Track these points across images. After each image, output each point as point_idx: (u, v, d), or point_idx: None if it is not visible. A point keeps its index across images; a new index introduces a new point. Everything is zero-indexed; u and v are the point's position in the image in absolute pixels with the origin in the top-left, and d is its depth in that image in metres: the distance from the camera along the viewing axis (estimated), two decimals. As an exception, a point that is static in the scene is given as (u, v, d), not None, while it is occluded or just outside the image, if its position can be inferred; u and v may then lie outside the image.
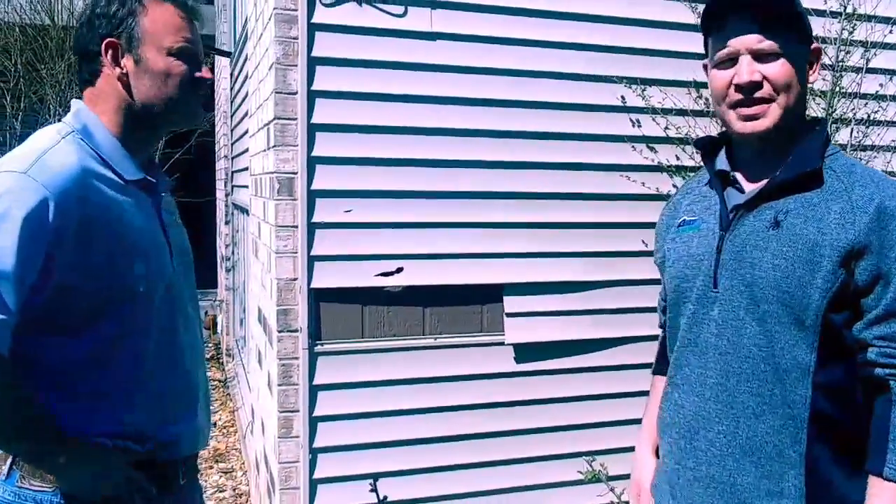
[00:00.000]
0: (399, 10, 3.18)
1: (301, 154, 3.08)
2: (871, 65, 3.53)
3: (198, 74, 1.57)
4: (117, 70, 1.51)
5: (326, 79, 3.11)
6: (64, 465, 1.41)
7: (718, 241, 1.52)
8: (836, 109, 3.42)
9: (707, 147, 1.65)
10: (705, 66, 1.60)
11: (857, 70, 3.49)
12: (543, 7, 3.35)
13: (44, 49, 5.91)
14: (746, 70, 1.45)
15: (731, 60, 1.48)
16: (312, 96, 3.09)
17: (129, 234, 1.49)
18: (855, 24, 3.38)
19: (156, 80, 1.52)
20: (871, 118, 3.56)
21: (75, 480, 1.43)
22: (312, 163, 3.11)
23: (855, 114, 3.50)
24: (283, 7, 3.03)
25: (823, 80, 3.43)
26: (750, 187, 1.53)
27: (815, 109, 3.45)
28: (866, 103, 3.54)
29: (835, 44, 3.40)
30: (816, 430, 1.41)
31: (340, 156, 3.14)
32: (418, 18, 3.20)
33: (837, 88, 3.39)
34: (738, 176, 1.56)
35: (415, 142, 3.23)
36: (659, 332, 1.85)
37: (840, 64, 3.39)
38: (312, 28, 3.07)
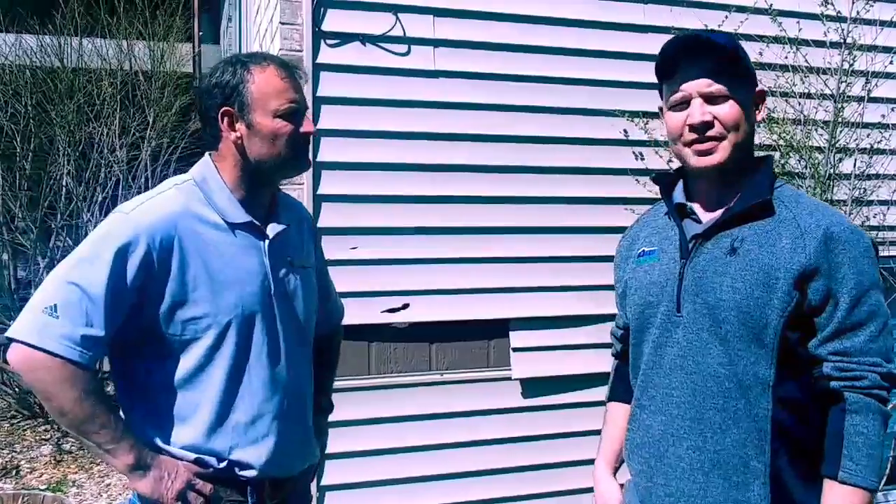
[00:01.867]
0: (402, 48, 3.22)
1: (307, 192, 3.10)
2: (873, 94, 3.54)
3: (302, 130, 1.71)
4: (233, 134, 1.69)
5: (331, 117, 3.14)
6: (133, 467, 1.57)
7: (680, 268, 1.62)
8: (839, 140, 3.43)
9: (664, 182, 1.78)
10: (661, 109, 1.73)
11: (860, 100, 3.50)
12: (544, 44, 3.39)
13: (53, 91, 5.96)
14: (699, 111, 1.58)
15: (685, 103, 1.61)
16: (318, 134, 3.12)
17: (220, 267, 1.65)
18: (855, 55, 3.40)
19: (266, 140, 1.68)
20: (875, 147, 3.56)
21: (142, 482, 1.59)
22: (318, 200, 3.13)
23: (858, 144, 3.51)
24: (287, 48, 3.07)
25: (825, 110, 3.45)
26: (706, 217, 1.65)
27: (817, 140, 3.46)
28: (869, 133, 3.55)
29: (836, 74, 3.42)
30: (777, 440, 1.51)
31: (346, 193, 3.16)
32: (421, 57, 3.24)
33: (839, 118, 3.40)
34: (695, 207, 1.67)
35: (419, 178, 3.25)
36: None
37: (841, 94, 3.41)
38: (317, 68, 3.11)
